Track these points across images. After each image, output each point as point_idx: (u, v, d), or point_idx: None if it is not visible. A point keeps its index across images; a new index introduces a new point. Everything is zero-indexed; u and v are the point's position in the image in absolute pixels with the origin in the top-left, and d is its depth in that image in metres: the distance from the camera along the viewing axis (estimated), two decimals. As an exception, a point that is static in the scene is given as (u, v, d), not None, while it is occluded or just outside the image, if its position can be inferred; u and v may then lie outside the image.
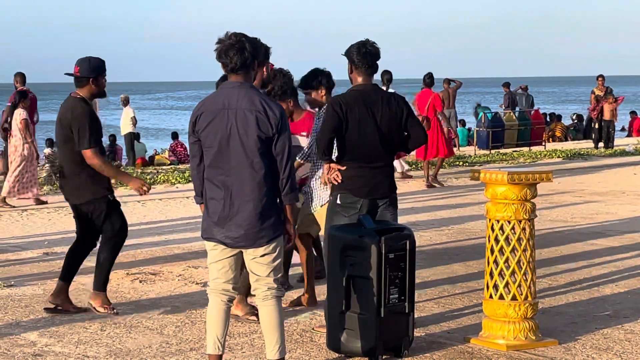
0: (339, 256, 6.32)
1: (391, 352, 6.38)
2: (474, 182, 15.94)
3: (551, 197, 14.96)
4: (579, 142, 29.30)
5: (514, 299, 6.63)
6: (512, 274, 6.61)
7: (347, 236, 6.33)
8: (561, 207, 14.02)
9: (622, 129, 35.56)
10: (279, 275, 5.77)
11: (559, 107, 58.92)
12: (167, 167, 23.34)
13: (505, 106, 29.38)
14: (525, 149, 25.08)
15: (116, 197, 7.71)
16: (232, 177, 5.60)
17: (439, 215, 13.37)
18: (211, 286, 5.79)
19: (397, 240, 6.30)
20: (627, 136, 33.12)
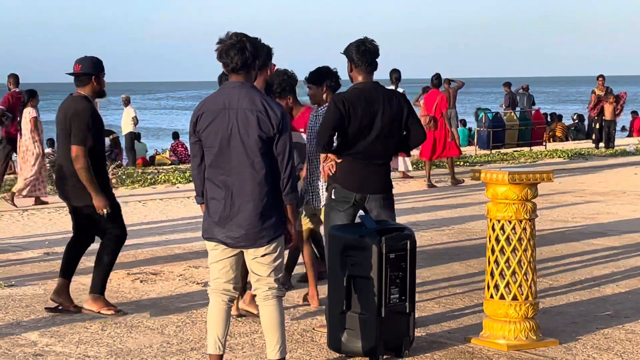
0: (340, 256, 6.32)
1: (392, 352, 6.38)
2: (474, 182, 15.94)
3: (552, 197, 14.96)
4: (580, 142, 29.29)
5: (514, 299, 6.63)
6: (512, 273, 6.61)
7: (347, 236, 6.33)
8: (562, 207, 14.02)
9: (623, 129, 35.54)
10: (280, 275, 5.77)
11: (560, 107, 58.88)
12: (168, 167, 23.35)
13: (505, 106, 29.38)
14: (526, 149, 25.08)
15: (116, 196, 7.70)
16: (232, 177, 5.60)
17: (440, 215, 13.37)
18: (212, 286, 5.79)
19: (397, 240, 6.30)
20: (628, 136, 33.12)
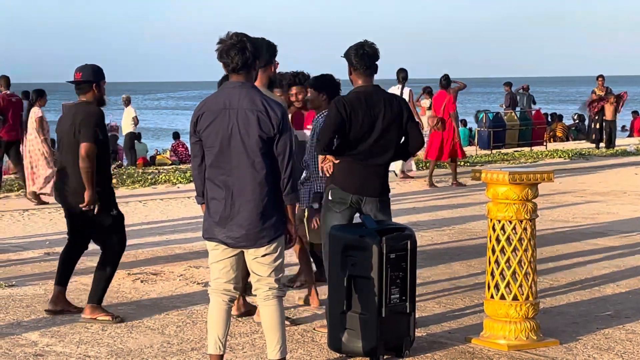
0: (340, 256, 6.32)
1: (392, 352, 6.38)
2: (475, 182, 15.94)
3: (552, 197, 14.96)
4: (580, 142, 29.28)
5: (515, 299, 6.63)
6: (513, 274, 6.61)
7: (348, 236, 6.33)
8: (562, 207, 14.02)
9: (623, 129, 35.53)
10: (280, 275, 5.77)
11: (560, 107, 58.85)
12: (169, 167, 23.35)
13: (506, 106, 29.37)
14: (526, 149, 25.07)
15: (117, 196, 7.70)
16: (233, 177, 5.60)
17: (440, 215, 13.37)
18: (212, 286, 5.79)
19: (398, 240, 6.30)
20: (629, 136, 33.10)
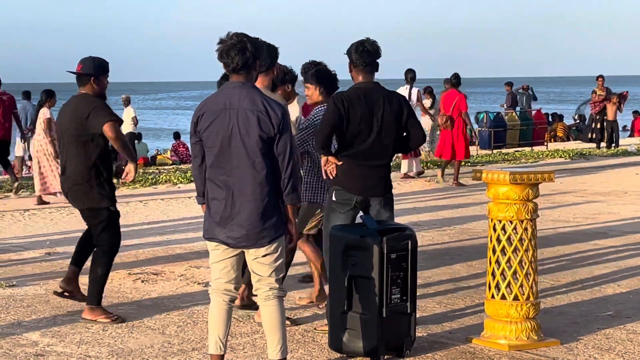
0: (341, 256, 6.32)
1: (393, 352, 6.38)
2: (475, 182, 15.93)
3: (553, 197, 14.96)
4: (581, 142, 29.28)
5: (515, 299, 6.62)
6: (514, 274, 6.61)
7: (349, 236, 6.33)
8: (563, 207, 14.02)
9: (624, 129, 35.51)
10: (281, 275, 5.77)
11: (561, 107, 58.84)
12: (169, 167, 23.37)
13: (507, 105, 29.36)
14: (527, 149, 25.07)
15: (117, 197, 7.69)
16: (233, 177, 5.60)
17: (441, 215, 13.37)
18: (213, 286, 5.79)
19: (399, 240, 6.30)
20: (630, 136, 33.08)
